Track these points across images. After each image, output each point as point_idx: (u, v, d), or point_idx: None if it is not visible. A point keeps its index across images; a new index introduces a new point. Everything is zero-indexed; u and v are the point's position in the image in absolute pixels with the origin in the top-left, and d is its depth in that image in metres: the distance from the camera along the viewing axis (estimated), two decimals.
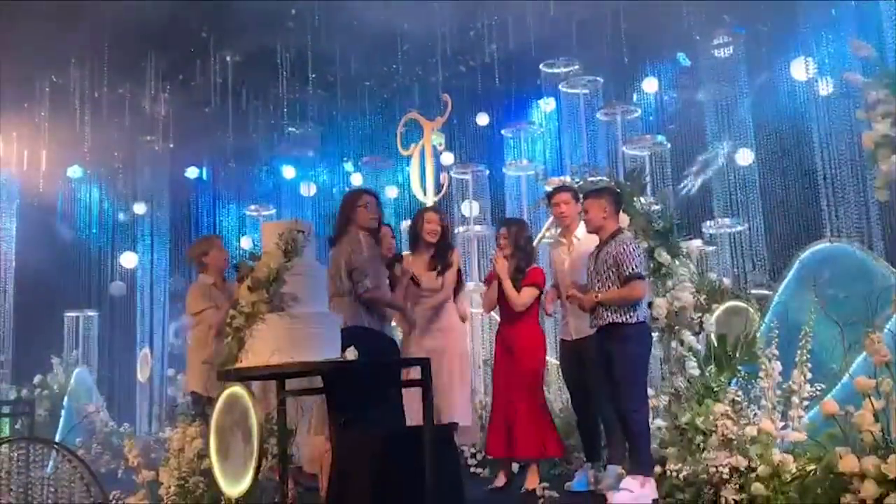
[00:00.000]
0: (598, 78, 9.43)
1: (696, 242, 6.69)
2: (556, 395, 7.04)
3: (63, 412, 9.67)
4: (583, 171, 6.41)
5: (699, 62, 9.80)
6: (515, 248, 5.74)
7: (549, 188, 6.40)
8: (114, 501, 4.29)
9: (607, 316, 4.99)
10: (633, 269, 4.96)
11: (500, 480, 5.80)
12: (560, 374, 6.25)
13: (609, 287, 5.01)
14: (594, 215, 5.18)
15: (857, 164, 8.42)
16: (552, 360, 6.73)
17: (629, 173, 6.06)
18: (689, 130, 10.55)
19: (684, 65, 10.66)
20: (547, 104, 11.31)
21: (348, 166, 13.65)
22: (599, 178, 6.06)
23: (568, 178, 6.84)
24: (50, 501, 4.77)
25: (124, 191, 13.12)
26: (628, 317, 4.98)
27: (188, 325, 6.25)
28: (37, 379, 9.93)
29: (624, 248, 5.00)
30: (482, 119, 11.87)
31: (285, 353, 3.79)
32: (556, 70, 9.82)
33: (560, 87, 9.64)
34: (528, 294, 5.63)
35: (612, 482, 5.05)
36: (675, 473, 4.68)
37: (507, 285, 5.62)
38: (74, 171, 12.99)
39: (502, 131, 10.74)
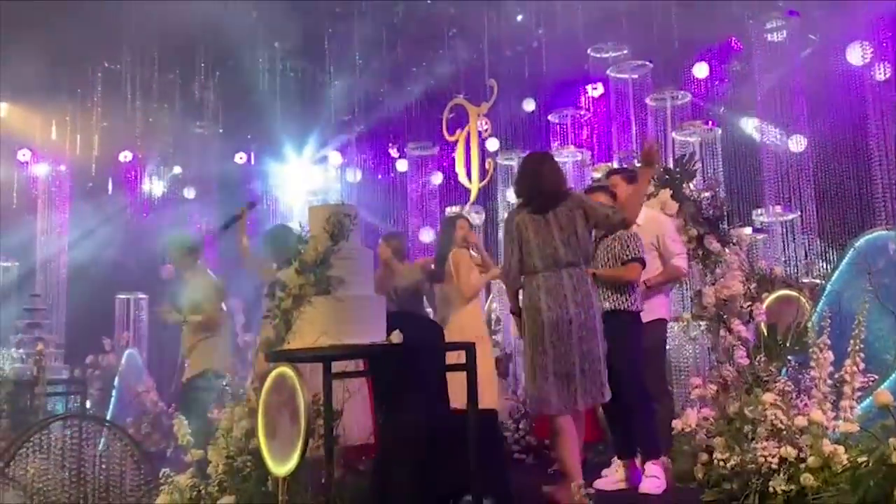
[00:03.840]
0: (647, 62, 9.30)
1: (747, 230, 6.61)
2: None
3: (114, 392, 9.86)
4: (630, 158, 6.36)
5: (752, 46, 9.59)
6: None
7: (596, 174, 6.37)
8: (163, 479, 4.36)
9: (605, 304, 4.99)
10: (635, 253, 5.07)
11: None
12: None
13: None
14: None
15: None
16: None
17: (679, 160, 5.97)
18: (741, 116, 10.38)
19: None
20: (595, 89, 11.19)
21: (393, 152, 13.67)
22: None
23: (615, 165, 6.78)
24: (102, 478, 4.88)
25: (175, 175, 13.31)
26: (627, 304, 5.03)
27: None
28: (89, 359, 10.13)
29: (631, 235, 5.09)
30: (528, 105, 11.78)
31: (332, 335, 3.82)
32: (604, 55, 9.70)
33: (608, 72, 9.53)
34: None
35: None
36: (722, 463, 4.63)
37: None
38: (126, 156, 13.21)
39: (548, 117, 10.67)
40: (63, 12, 9.37)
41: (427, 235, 11.24)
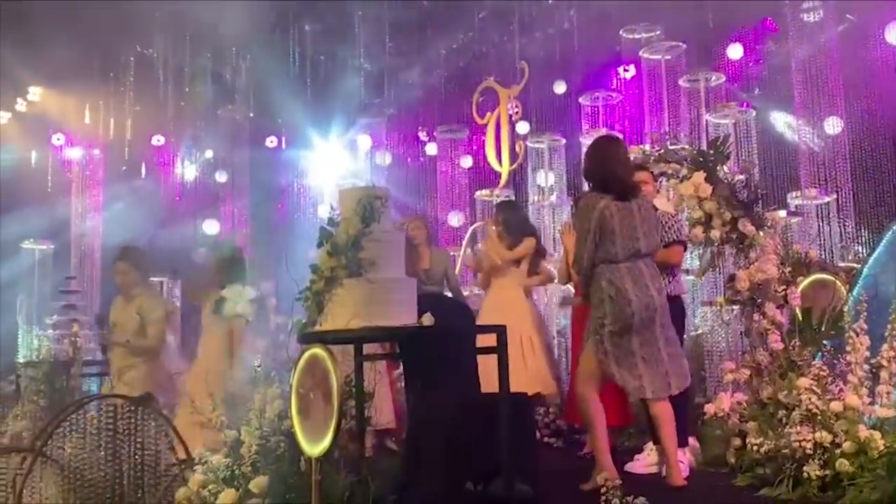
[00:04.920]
0: (680, 44, 9.18)
1: (782, 213, 6.52)
2: None
3: None
4: (663, 140, 6.28)
5: (787, 27, 9.43)
6: None
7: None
8: (197, 459, 4.41)
9: None
10: (677, 235, 5.13)
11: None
12: None
13: None
14: (651, 188, 5.26)
15: None
16: None
17: (713, 142, 5.90)
18: (776, 98, 10.24)
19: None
20: (627, 71, 11.07)
21: (423, 135, 13.66)
22: (681, 146, 5.93)
23: (647, 148, 6.72)
24: (137, 457, 4.94)
25: (206, 159, 13.41)
26: (671, 289, 5.03)
27: None
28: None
29: (670, 217, 5.14)
30: (559, 87, 11.69)
31: (363, 317, 3.83)
32: (636, 36, 9.59)
33: (641, 53, 9.42)
34: None
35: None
36: (755, 448, 4.60)
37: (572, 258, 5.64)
38: (158, 140, 13.34)
39: (580, 99, 10.58)
40: None
41: (456, 219, 11.23)
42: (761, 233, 5.32)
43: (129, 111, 12.46)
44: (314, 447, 3.44)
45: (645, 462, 5.19)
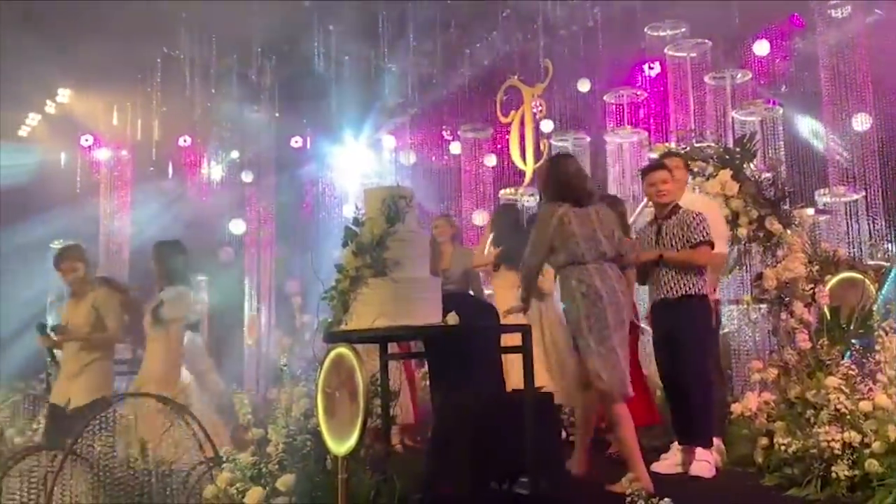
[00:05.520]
0: (706, 41, 9.12)
1: (809, 211, 6.47)
2: None
3: None
4: (689, 138, 6.26)
5: (815, 22, 9.33)
6: None
7: (652, 155, 6.29)
8: (224, 457, 4.44)
9: (676, 289, 4.98)
10: (703, 236, 5.00)
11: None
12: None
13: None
14: (678, 186, 5.20)
15: None
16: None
17: (739, 139, 5.86)
18: (803, 95, 10.14)
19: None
20: (652, 69, 11.02)
21: (447, 134, 13.67)
22: (707, 144, 5.90)
23: (672, 145, 6.69)
24: (165, 455, 4.98)
25: (232, 159, 13.50)
26: (697, 288, 4.99)
27: None
28: None
29: (696, 216, 5.03)
30: (583, 85, 11.65)
31: (389, 316, 3.84)
32: (661, 33, 9.54)
33: (666, 50, 9.37)
34: None
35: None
36: (783, 448, 4.57)
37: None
38: (185, 140, 13.45)
39: (604, 97, 10.54)
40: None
41: (480, 218, 11.23)
42: (789, 231, 5.29)
43: (156, 112, 12.58)
44: (340, 446, 3.45)
45: (671, 462, 5.16)
